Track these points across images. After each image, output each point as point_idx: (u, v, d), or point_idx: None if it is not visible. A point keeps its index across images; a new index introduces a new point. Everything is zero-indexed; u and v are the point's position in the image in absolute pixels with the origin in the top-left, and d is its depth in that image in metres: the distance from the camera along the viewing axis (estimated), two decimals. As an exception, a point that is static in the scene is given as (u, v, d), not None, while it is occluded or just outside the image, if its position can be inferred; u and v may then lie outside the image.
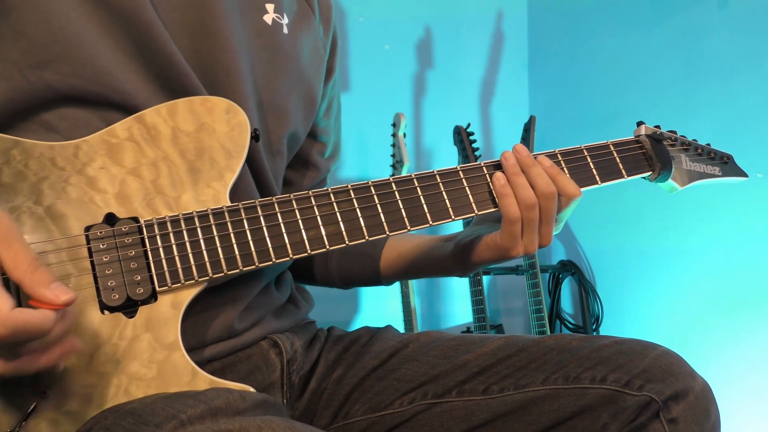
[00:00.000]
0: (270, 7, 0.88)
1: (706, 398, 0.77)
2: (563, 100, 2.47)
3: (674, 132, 0.96)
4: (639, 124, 0.93)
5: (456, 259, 0.86)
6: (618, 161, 0.88)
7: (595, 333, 2.23)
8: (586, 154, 0.87)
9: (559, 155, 0.85)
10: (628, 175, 0.88)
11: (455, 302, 2.42)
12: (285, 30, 0.90)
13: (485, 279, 2.21)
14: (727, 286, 1.78)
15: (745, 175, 1.00)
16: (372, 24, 2.35)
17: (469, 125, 2.06)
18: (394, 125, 1.98)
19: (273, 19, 0.88)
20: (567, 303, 2.42)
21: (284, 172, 0.95)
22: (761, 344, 1.68)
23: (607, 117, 2.21)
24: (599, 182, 0.86)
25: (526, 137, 2.03)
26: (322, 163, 1.02)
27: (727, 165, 0.99)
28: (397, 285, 2.01)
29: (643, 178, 0.91)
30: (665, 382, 0.76)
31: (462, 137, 2.04)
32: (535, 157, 0.81)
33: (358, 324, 2.18)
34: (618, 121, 2.07)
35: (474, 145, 2.02)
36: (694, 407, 0.76)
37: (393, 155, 1.98)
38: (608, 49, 2.24)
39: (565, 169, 0.84)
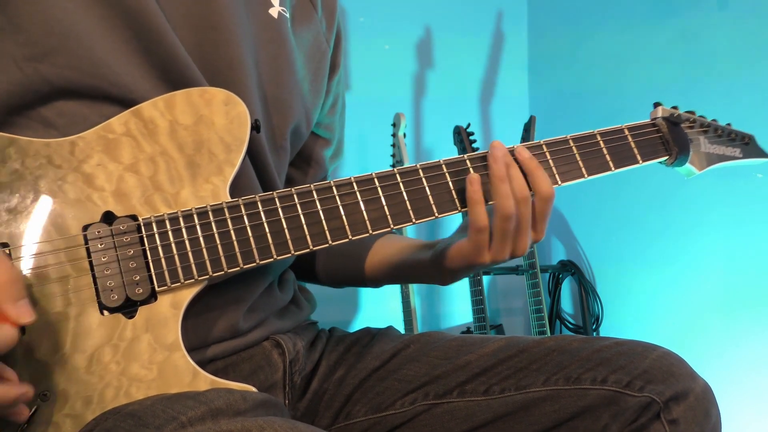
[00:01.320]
0: (275, 0, 0.87)
1: (706, 399, 0.77)
2: (563, 100, 2.47)
3: (693, 113, 0.92)
4: (656, 105, 0.89)
5: (433, 266, 0.83)
6: (633, 146, 0.85)
7: (595, 333, 2.23)
8: (599, 138, 0.83)
9: (571, 141, 0.82)
10: (644, 161, 0.85)
11: (455, 302, 2.41)
12: (288, 24, 0.89)
13: (485, 279, 2.20)
14: (727, 286, 1.78)
15: (767, 155, 0.96)
16: (372, 24, 2.34)
17: (469, 125, 2.05)
18: (394, 125, 1.98)
19: (279, 12, 0.87)
20: (567, 303, 2.42)
21: (288, 170, 0.94)
22: (761, 344, 1.68)
23: (607, 117, 2.20)
24: (613, 168, 0.83)
25: (526, 137, 2.03)
26: (325, 160, 1.01)
27: (748, 146, 0.95)
28: (396, 285, 2.00)
29: (660, 162, 0.88)
30: (666, 383, 0.76)
31: (462, 137, 2.04)
32: (512, 151, 0.77)
33: (358, 324, 2.17)
34: (618, 121, 2.06)
35: (474, 145, 2.02)
36: (695, 408, 0.76)
37: (393, 155, 1.98)
38: (608, 49, 2.24)
39: (577, 155, 0.81)
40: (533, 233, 0.77)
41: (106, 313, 0.65)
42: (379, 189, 0.75)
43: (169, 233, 0.68)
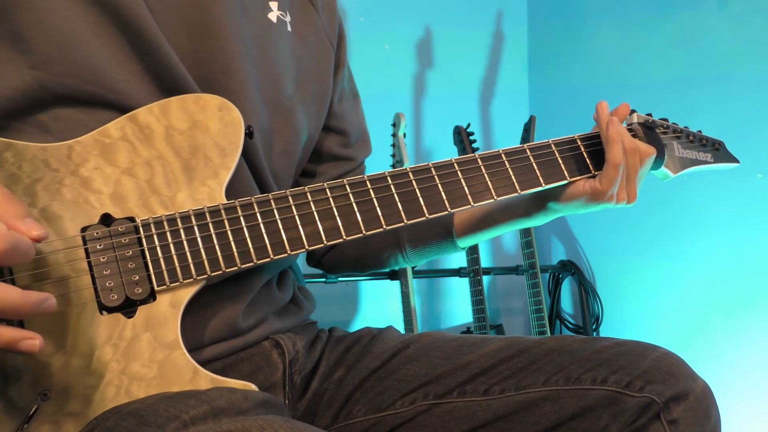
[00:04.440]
0: (274, 5, 0.88)
1: (706, 399, 0.77)
2: (563, 100, 2.47)
3: (666, 120, 0.96)
4: (631, 112, 0.93)
5: (536, 202, 0.90)
6: None
7: (595, 333, 2.23)
8: (579, 143, 0.88)
9: (552, 145, 0.87)
10: None
11: (455, 302, 2.42)
12: (289, 28, 0.89)
13: (485, 279, 2.21)
14: (727, 286, 1.78)
15: (736, 161, 1.00)
16: (372, 24, 2.34)
17: (469, 125, 2.06)
18: (394, 125, 1.98)
19: (278, 16, 0.88)
20: (567, 303, 2.42)
21: (306, 167, 0.96)
22: (761, 345, 1.68)
23: (607, 117, 2.20)
24: (593, 171, 0.87)
25: (526, 137, 2.03)
26: (344, 154, 1.01)
27: (719, 151, 0.99)
28: (397, 285, 2.01)
29: None
30: (666, 383, 0.76)
31: (462, 137, 2.04)
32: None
33: (358, 324, 2.17)
34: (618, 121, 2.07)
35: (474, 145, 2.02)
36: (695, 408, 0.76)
37: (393, 155, 1.98)
38: (608, 49, 2.24)
39: (559, 158, 0.86)
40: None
41: (105, 312, 0.65)
42: (371, 191, 0.77)
43: (167, 234, 0.69)
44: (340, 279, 1.93)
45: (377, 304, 2.25)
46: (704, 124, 1.82)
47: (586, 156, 0.88)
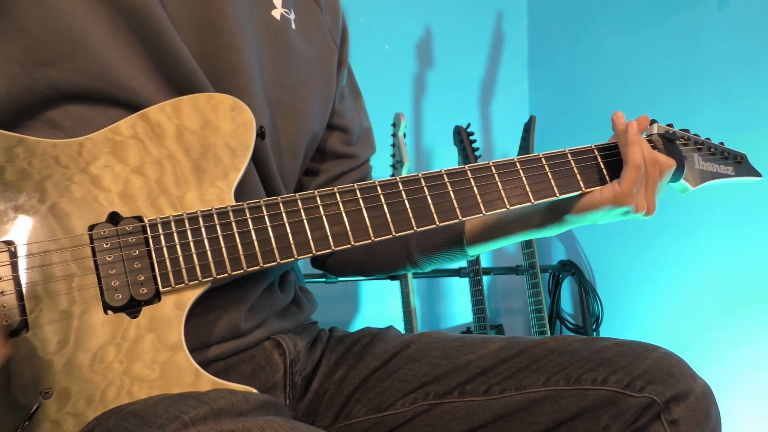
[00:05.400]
0: (278, 2, 0.87)
1: (706, 400, 0.77)
2: (563, 100, 2.47)
3: (687, 131, 0.94)
4: (652, 122, 0.91)
5: (551, 213, 0.87)
6: None
7: (595, 333, 2.23)
8: (596, 153, 0.87)
9: (569, 155, 0.85)
10: None
11: (455, 302, 2.42)
12: (293, 25, 0.89)
13: (485, 279, 2.21)
14: (727, 286, 1.78)
15: (759, 174, 0.98)
16: (372, 24, 2.34)
17: (469, 125, 2.06)
18: (394, 125, 1.98)
19: (281, 14, 0.87)
20: (567, 303, 2.42)
21: (310, 165, 0.95)
22: (761, 345, 1.68)
23: (607, 117, 2.20)
24: (609, 181, 0.85)
25: (526, 137, 2.04)
26: (346, 151, 1.01)
27: (740, 165, 0.97)
28: (397, 285, 2.01)
29: None
30: (666, 383, 0.76)
31: (462, 137, 2.04)
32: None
33: (358, 324, 2.18)
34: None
35: (474, 145, 2.02)
36: (695, 409, 0.76)
37: (393, 155, 1.98)
38: (608, 49, 2.24)
39: (575, 168, 0.84)
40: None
41: (110, 312, 0.65)
42: (381, 197, 0.76)
43: (174, 235, 0.69)
44: (340, 279, 1.93)
45: (377, 304, 2.25)
46: (704, 124, 1.82)
47: (603, 166, 0.85)
